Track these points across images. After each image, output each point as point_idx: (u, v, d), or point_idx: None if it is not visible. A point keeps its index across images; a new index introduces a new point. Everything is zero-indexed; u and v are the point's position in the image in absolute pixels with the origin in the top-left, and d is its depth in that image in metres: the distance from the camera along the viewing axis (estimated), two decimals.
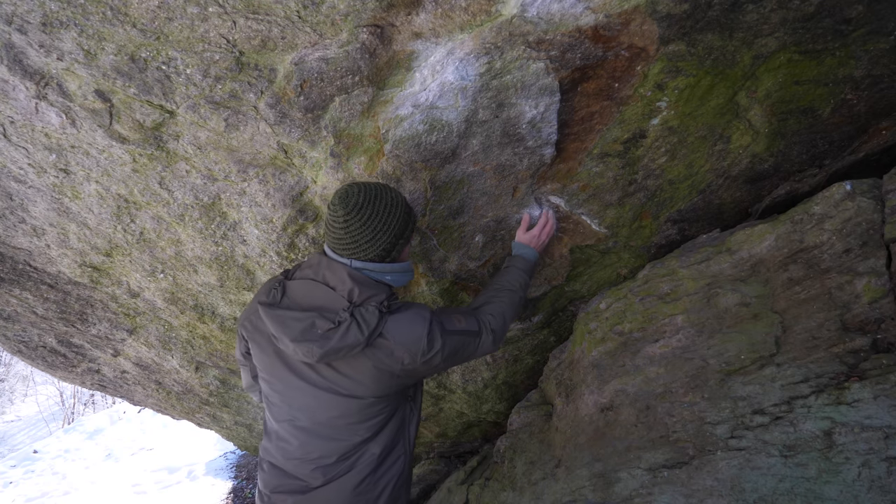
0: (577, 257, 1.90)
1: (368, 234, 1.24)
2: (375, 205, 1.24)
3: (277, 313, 1.25)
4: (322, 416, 1.29)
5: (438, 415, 2.63)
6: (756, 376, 1.44)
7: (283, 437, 1.35)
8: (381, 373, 1.25)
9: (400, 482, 1.38)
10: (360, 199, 1.24)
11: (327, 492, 1.30)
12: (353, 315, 1.21)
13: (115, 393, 2.99)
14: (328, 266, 1.28)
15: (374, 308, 1.22)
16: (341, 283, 1.25)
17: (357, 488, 1.30)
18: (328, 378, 1.27)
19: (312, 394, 1.28)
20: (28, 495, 4.97)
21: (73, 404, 9.08)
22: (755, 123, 1.53)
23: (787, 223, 1.49)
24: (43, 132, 1.49)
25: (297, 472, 1.33)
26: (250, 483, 4.64)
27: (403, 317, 1.26)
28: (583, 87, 1.47)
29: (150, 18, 1.23)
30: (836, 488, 1.22)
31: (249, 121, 1.45)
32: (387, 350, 1.23)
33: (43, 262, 2.01)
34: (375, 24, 1.29)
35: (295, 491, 1.32)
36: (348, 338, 1.19)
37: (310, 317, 1.21)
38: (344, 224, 1.24)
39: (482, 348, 1.42)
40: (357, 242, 1.25)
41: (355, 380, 1.26)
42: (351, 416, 1.29)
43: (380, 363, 1.24)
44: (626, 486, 1.57)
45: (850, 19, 1.31)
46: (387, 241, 1.26)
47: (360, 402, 1.28)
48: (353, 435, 1.30)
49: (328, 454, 1.30)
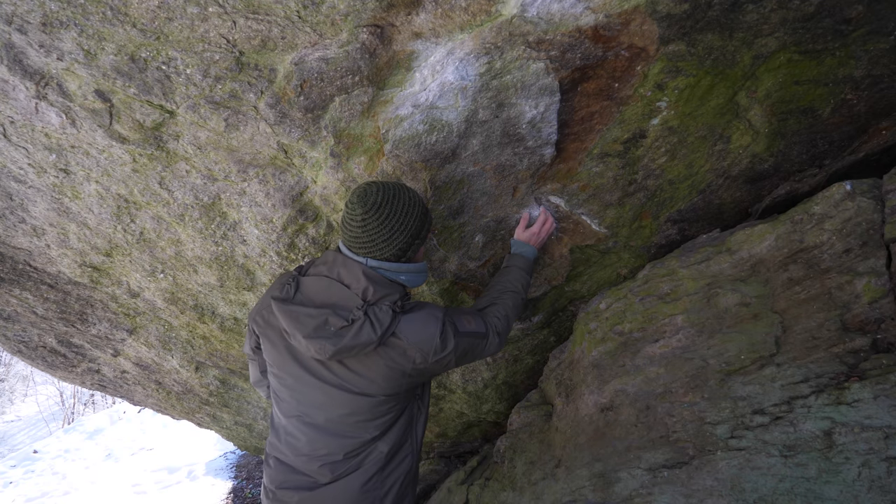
0: (577, 257, 1.90)
1: (386, 234, 1.25)
2: (394, 204, 1.25)
3: (291, 309, 1.25)
4: (332, 414, 1.30)
5: (438, 415, 2.63)
6: (756, 376, 1.44)
7: (291, 432, 1.36)
8: (393, 371, 1.26)
9: (407, 481, 1.38)
10: (378, 199, 1.24)
11: (335, 489, 1.30)
12: (367, 314, 1.21)
13: (115, 393, 2.99)
14: (343, 264, 1.28)
15: (387, 307, 1.23)
16: (356, 281, 1.25)
17: (365, 486, 1.30)
18: (339, 375, 1.27)
19: (323, 390, 1.29)
20: (28, 495, 4.97)
21: (73, 404, 9.08)
22: (755, 123, 1.53)
23: (787, 223, 1.49)
24: (43, 132, 1.49)
25: (304, 469, 1.33)
26: (250, 483, 4.64)
27: (416, 317, 1.26)
28: (583, 87, 1.47)
29: (150, 18, 1.23)
30: (836, 488, 1.22)
31: (249, 121, 1.45)
32: (399, 349, 1.24)
33: (43, 262, 2.01)
34: (375, 24, 1.29)
35: (302, 487, 1.32)
36: (361, 336, 1.19)
37: (323, 314, 1.22)
38: (362, 223, 1.24)
39: (488, 349, 1.44)
40: (374, 241, 1.25)
41: (367, 378, 1.26)
42: (361, 413, 1.29)
43: (392, 362, 1.25)
44: (626, 486, 1.57)
45: (850, 19, 1.31)
46: (403, 241, 1.27)
47: (370, 400, 1.28)
48: (362, 433, 1.31)
49: (336, 451, 1.31)
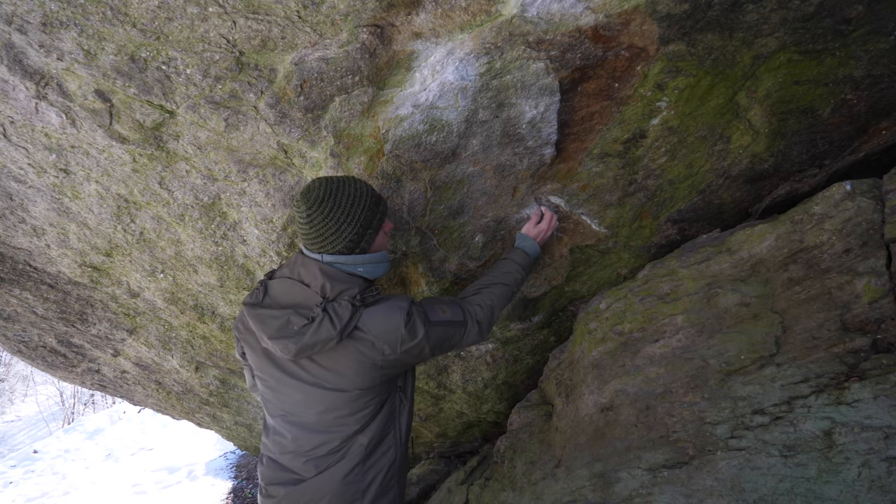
0: (577, 257, 1.90)
1: (332, 227, 1.26)
2: (337, 197, 1.26)
3: (258, 312, 1.29)
4: (311, 411, 1.32)
5: (438, 415, 2.63)
6: (756, 376, 1.44)
7: (278, 431, 1.39)
8: (364, 365, 1.27)
9: (391, 472, 1.39)
10: (320, 193, 1.26)
11: (318, 482, 1.32)
12: (326, 310, 1.23)
13: (115, 393, 2.99)
14: (303, 263, 1.31)
15: (346, 302, 1.25)
16: (314, 279, 1.28)
17: (346, 478, 1.32)
18: (312, 373, 1.29)
19: (300, 389, 1.31)
20: (28, 495, 4.97)
21: (73, 404, 9.08)
22: (755, 123, 1.53)
23: (787, 223, 1.49)
24: (43, 132, 1.49)
25: (291, 466, 1.36)
26: (250, 483, 4.64)
27: (379, 309, 1.28)
28: (583, 87, 1.47)
29: (150, 18, 1.23)
30: (836, 488, 1.22)
31: (249, 121, 1.45)
32: (366, 342, 1.26)
33: (43, 262, 2.01)
34: (375, 24, 1.29)
35: (288, 483, 1.35)
36: (321, 333, 1.21)
37: (286, 314, 1.24)
38: (308, 219, 1.27)
39: (467, 338, 1.45)
40: (322, 236, 1.27)
41: (339, 373, 1.28)
42: (339, 409, 1.31)
43: (361, 355, 1.26)
44: (626, 486, 1.57)
45: (850, 19, 1.31)
46: (353, 233, 1.28)
47: (345, 396, 1.30)
48: (342, 427, 1.33)
49: (319, 447, 1.33)
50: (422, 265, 1.82)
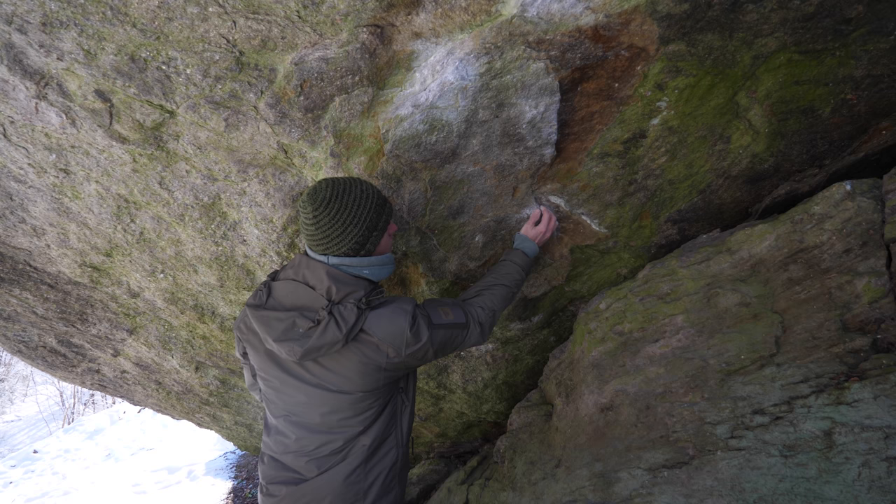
0: (577, 257, 1.90)
1: (339, 229, 1.26)
2: (343, 199, 1.26)
3: (262, 314, 1.28)
4: (315, 412, 1.32)
5: (438, 415, 2.63)
6: (756, 376, 1.44)
7: (281, 431, 1.39)
8: (368, 367, 1.28)
9: (392, 473, 1.40)
10: (327, 195, 1.25)
11: (319, 482, 1.33)
12: (332, 313, 1.23)
13: (115, 393, 2.99)
14: (308, 265, 1.30)
15: (352, 305, 1.25)
16: (319, 281, 1.27)
17: (348, 478, 1.33)
18: (316, 375, 1.29)
19: (303, 391, 1.31)
20: (28, 495, 4.97)
21: (73, 404, 9.08)
22: (755, 123, 1.53)
23: (787, 223, 1.49)
24: (43, 132, 1.49)
25: (293, 465, 1.36)
26: (250, 483, 4.64)
27: (384, 311, 1.28)
28: (583, 87, 1.47)
29: (150, 18, 1.23)
30: (836, 488, 1.22)
31: (249, 121, 1.45)
32: (371, 345, 1.26)
33: (43, 262, 2.01)
34: (375, 24, 1.29)
35: (289, 482, 1.35)
36: (327, 336, 1.21)
37: (291, 316, 1.24)
38: (314, 220, 1.26)
39: (469, 340, 1.45)
40: (329, 237, 1.27)
41: (343, 375, 1.28)
42: (342, 411, 1.32)
43: (366, 358, 1.26)
44: (626, 486, 1.57)
45: (850, 19, 1.31)
46: (358, 235, 1.28)
47: (349, 398, 1.30)
48: (346, 429, 1.33)
49: (322, 447, 1.34)
50: (422, 265, 1.82)
